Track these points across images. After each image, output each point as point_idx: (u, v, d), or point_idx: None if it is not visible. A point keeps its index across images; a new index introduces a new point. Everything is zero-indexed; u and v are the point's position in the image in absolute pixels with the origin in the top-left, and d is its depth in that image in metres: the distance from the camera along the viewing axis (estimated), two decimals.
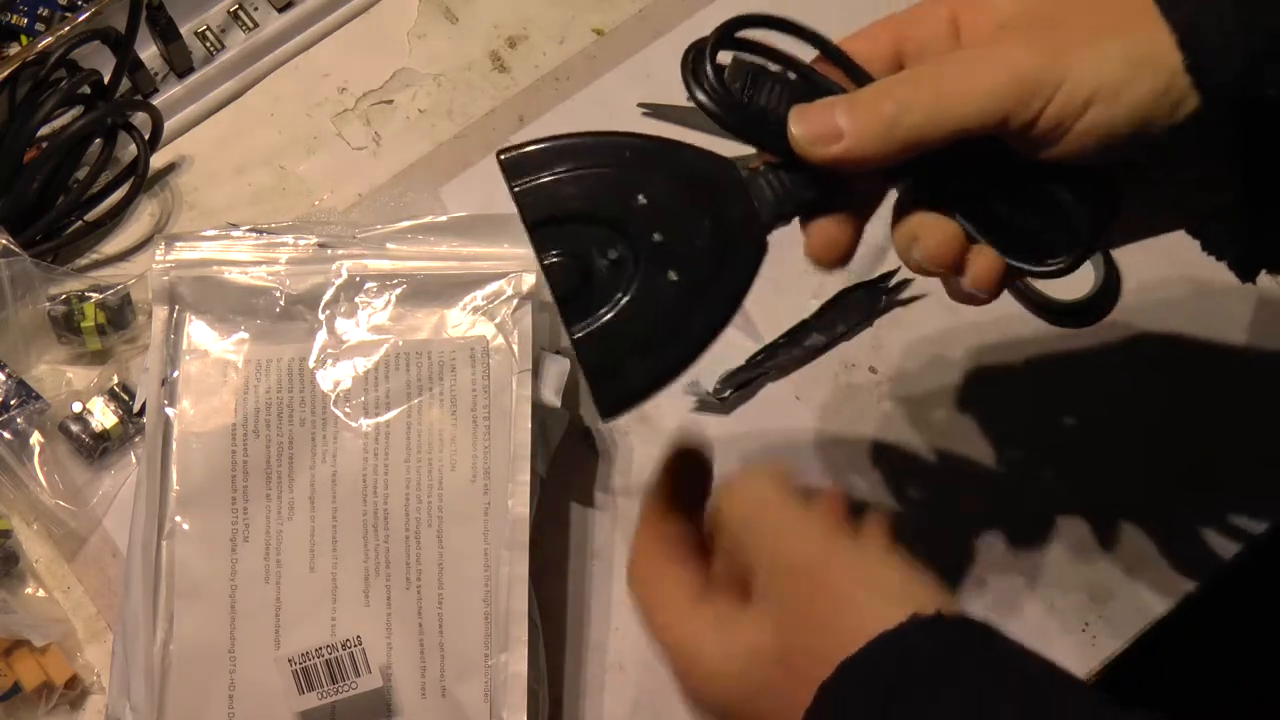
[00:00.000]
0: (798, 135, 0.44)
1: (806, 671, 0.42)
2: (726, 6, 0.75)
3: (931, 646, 0.41)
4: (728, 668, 0.45)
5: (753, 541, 0.46)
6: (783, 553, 0.45)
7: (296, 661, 0.56)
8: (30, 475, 0.64)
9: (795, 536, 0.45)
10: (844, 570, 0.44)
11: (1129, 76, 0.42)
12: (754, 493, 0.47)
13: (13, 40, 0.72)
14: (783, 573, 0.45)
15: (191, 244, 0.64)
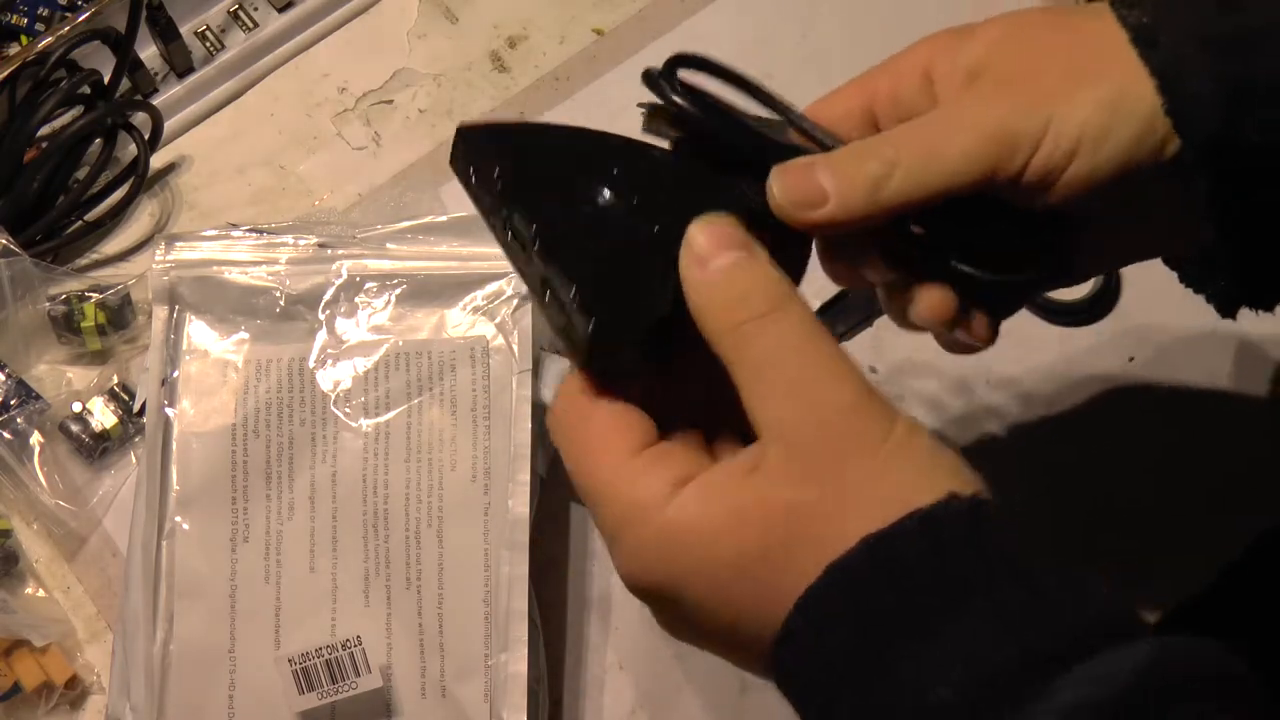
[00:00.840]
0: (780, 198, 0.42)
1: (819, 533, 0.36)
2: (726, 7, 0.75)
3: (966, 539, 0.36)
4: (703, 524, 0.38)
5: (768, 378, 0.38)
6: (811, 396, 0.38)
7: (296, 661, 0.56)
8: (30, 475, 0.64)
9: (829, 382, 0.38)
10: (888, 434, 0.38)
11: (1109, 123, 0.41)
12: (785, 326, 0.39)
13: (13, 40, 0.72)
14: (810, 420, 0.38)
15: (191, 244, 0.64)
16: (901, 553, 0.36)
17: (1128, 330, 0.67)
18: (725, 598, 0.38)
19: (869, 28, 0.74)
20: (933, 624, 0.35)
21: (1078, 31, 0.43)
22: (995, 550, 0.36)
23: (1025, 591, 0.35)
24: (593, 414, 0.41)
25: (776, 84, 0.72)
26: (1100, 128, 0.41)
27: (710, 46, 0.73)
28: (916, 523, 0.36)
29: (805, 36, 0.74)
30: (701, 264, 0.40)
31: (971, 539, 0.36)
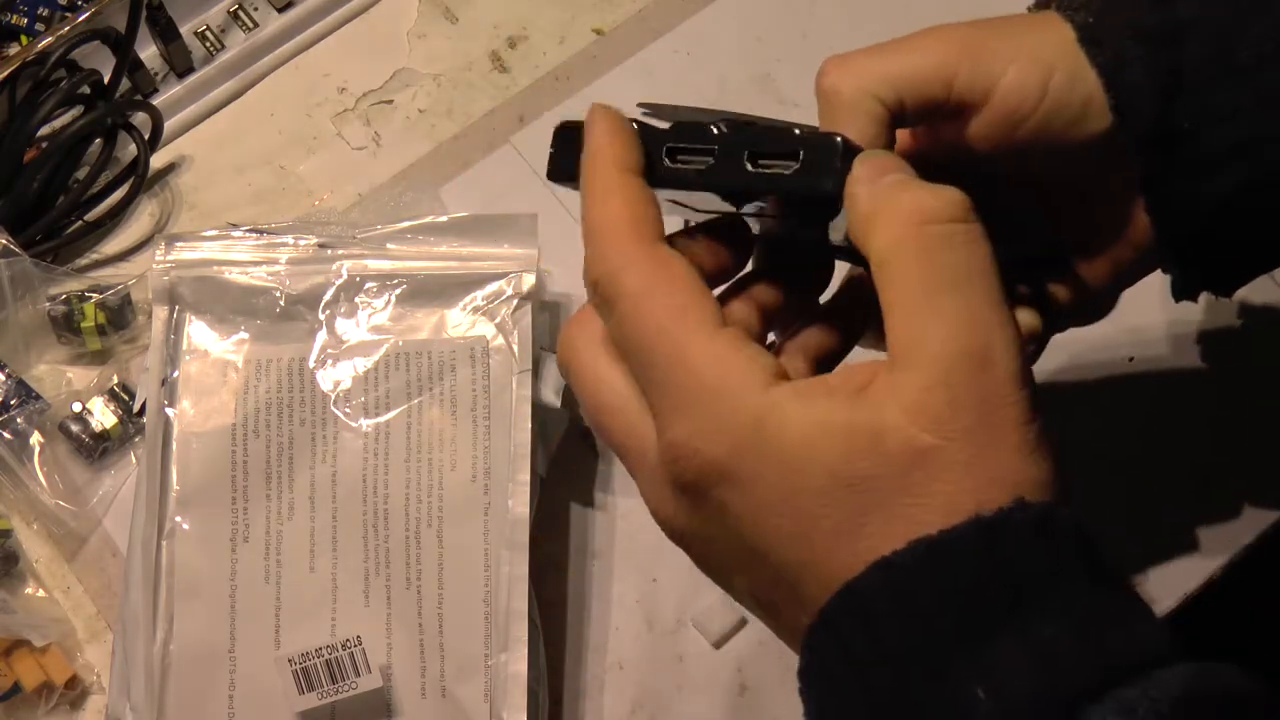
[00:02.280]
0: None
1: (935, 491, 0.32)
2: (726, 7, 0.75)
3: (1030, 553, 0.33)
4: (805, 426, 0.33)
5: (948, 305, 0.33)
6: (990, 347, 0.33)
7: (296, 661, 0.56)
8: (30, 475, 0.64)
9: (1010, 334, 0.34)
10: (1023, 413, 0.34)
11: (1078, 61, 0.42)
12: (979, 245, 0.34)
13: (13, 40, 0.72)
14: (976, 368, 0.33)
15: (191, 244, 0.64)
16: (955, 561, 0.32)
17: (1128, 330, 0.67)
18: (796, 525, 0.33)
19: (869, 28, 0.74)
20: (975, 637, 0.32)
21: (1034, 20, 0.45)
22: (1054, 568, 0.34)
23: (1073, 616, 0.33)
24: (672, 263, 0.36)
25: (777, 84, 0.73)
26: (1072, 69, 0.42)
27: (710, 46, 0.74)
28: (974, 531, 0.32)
29: (805, 36, 0.74)
30: (872, 180, 0.36)
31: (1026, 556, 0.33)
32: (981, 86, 0.42)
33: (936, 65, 0.42)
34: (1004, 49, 0.42)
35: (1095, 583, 0.34)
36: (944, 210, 0.34)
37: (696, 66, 0.74)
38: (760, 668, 0.62)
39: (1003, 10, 0.46)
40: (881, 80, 0.42)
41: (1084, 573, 0.34)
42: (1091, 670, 0.32)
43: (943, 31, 0.43)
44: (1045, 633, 0.32)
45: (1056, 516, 0.34)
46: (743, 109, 0.72)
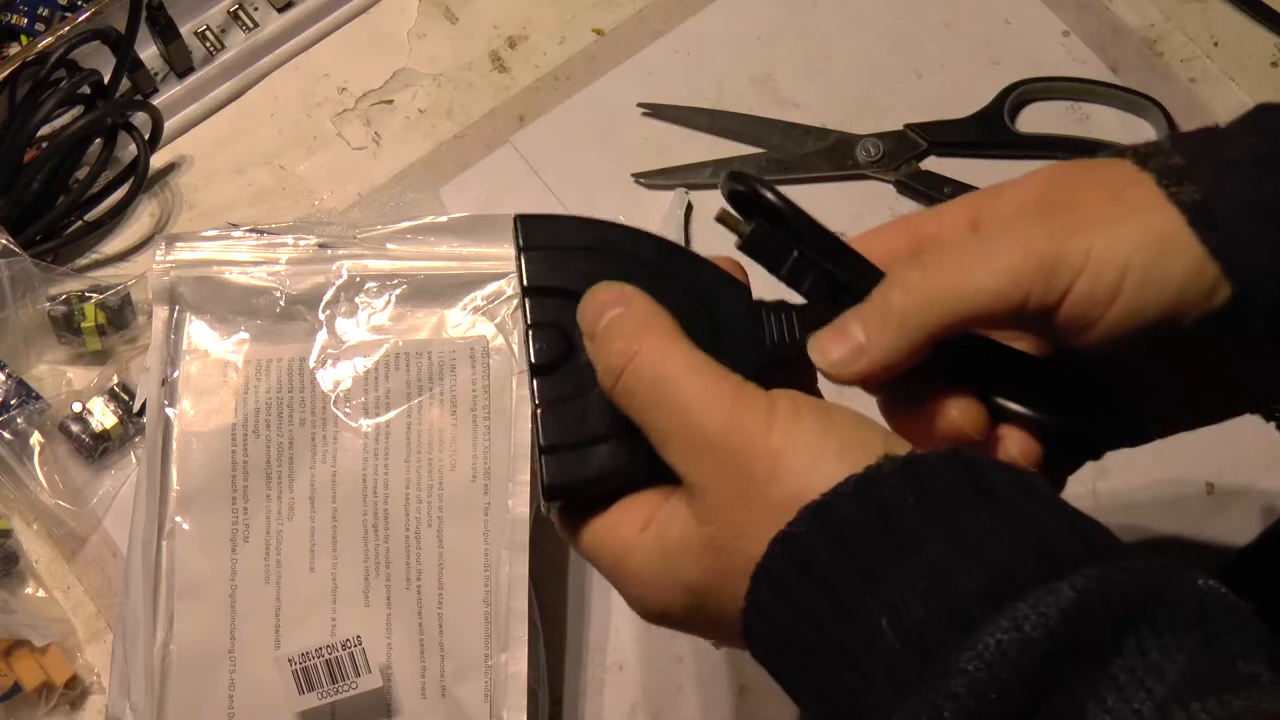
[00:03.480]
0: (823, 364, 0.42)
1: (740, 561, 0.38)
2: (726, 7, 0.75)
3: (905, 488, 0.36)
4: (666, 578, 0.40)
5: (659, 422, 0.39)
6: (690, 427, 0.39)
7: (296, 661, 0.56)
8: (30, 475, 0.64)
9: (700, 405, 0.39)
10: (768, 435, 0.38)
11: (1157, 259, 0.40)
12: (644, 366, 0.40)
13: (13, 40, 0.72)
14: (696, 452, 0.39)
15: (192, 244, 0.64)
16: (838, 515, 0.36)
17: None
18: (698, 617, 0.41)
19: (869, 27, 0.74)
20: (871, 576, 0.35)
21: (1123, 177, 0.42)
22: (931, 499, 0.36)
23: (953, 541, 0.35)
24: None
25: (777, 84, 0.73)
26: (1147, 263, 0.40)
27: (710, 46, 0.74)
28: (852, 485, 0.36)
29: (805, 36, 0.74)
30: (590, 336, 0.41)
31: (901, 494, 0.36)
32: (1052, 300, 0.40)
33: (1009, 290, 0.40)
34: (1075, 255, 0.40)
35: (982, 501, 0.36)
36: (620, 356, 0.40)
37: (696, 66, 0.74)
38: (760, 668, 0.62)
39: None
40: (949, 314, 0.40)
41: (966, 494, 0.36)
42: (978, 582, 0.34)
43: (1021, 241, 0.40)
44: (931, 555, 0.35)
45: (924, 458, 0.37)
46: (743, 109, 0.72)
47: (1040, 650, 0.32)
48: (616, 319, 0.40)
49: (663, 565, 0.40)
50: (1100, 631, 0.33)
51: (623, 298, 0.41)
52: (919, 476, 0.36)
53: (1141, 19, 0.74)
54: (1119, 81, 0.72)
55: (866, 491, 0.36)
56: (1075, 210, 0.41)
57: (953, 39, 0.74)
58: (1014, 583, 0.34)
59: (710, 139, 0.72)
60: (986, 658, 0.32)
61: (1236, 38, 0.73)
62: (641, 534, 0.41)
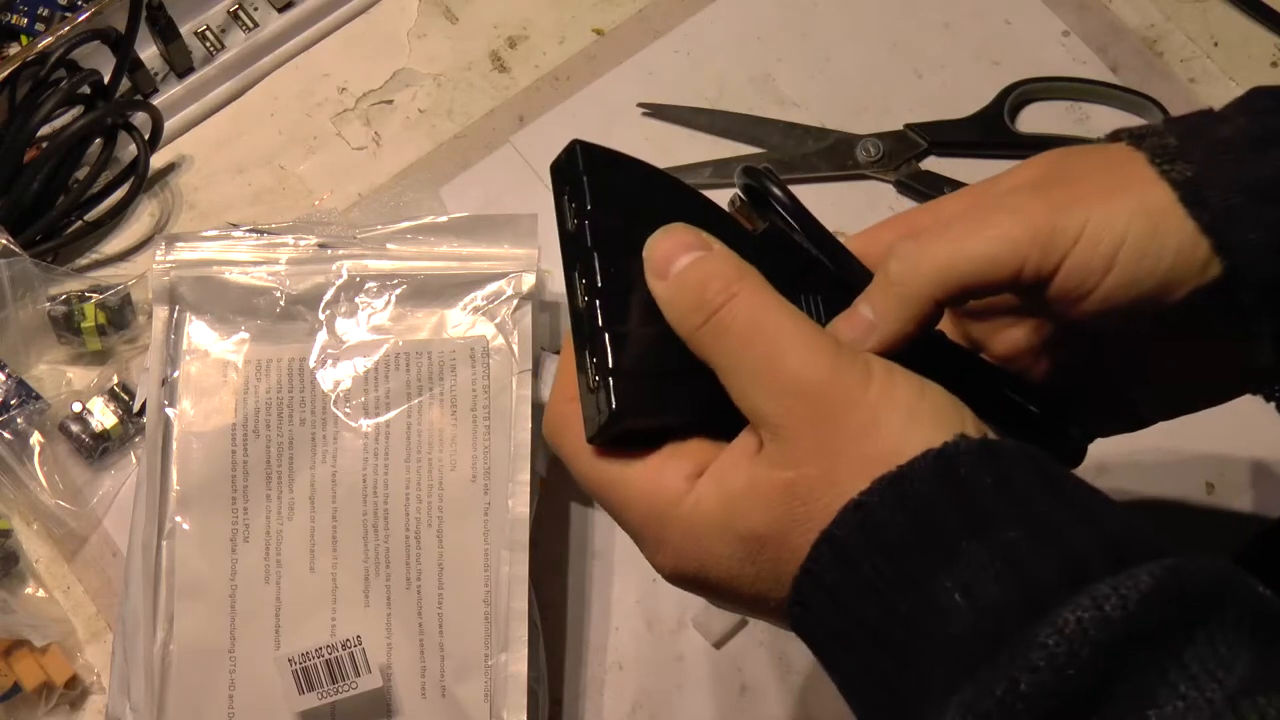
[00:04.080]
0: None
1: (817, 510, 0.37)
2: (726, 7, 0.75)
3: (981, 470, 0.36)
4: (720, 528, 0.39)
5: (750, 365, 0.39)
6: (786, 372, 0.38)
7: (296, 661, 0.56)
8: (30, 475, 0.64)
9: (799, 354, 0.38)
10: (865, 390, 0.38)
11: (1152, 232, 0.40)
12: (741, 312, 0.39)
13: (13, 40, 0.72)
14: (791, 396, 0.38)
15: (192, 244, 0.64)
16: (916, 489, 0.36)
17: None
18: (748, 575, 0.39)
19: (869, 27, 0.74)
20: (945, 554, 0.35)
21: (1118, 155, 0.43)
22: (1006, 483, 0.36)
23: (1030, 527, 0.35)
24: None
25: (777, 84, 0.73)
26: (1143, 235, 0.40)
27: (710, 46, 0.74)
28: (931, 460, 0.36)
29: (805, 36, 0.74)
30: (662, 274, 0.40)
31: (978, 475, 0.36)
32: (1049, 268, 0.41)
33: (1007, 256, 0.41)
34: (1072, 226, 0.40)
35: (1052, 491, 0.36)
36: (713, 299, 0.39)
37: (696, 66, 0.74)
38: (760, 668, 0.62)
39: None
40: (948, 277, 0.41)
41: (1038, 483, 0.36)
42: (1054, 568, 0.34)
43: (1017, 211, 0.41)
44: (1007, 538, 0.35)
45: (997, 443, 0.37)
46: (743, 109, 0.72)
47: (1119, 632, 0.32)
48: (703, 261, 0.40)
49: (722, 513, 0.39)
50: (1174, 621, 0.33)
51: (703, 242, 0.40)
52: (996, 460, 0.37)
53: (1141, 19, 0.74)
54: (1119, 81, 0.72)
55: (945, 468, 0.36)
56: (1072, 184, 0.42)
57: (953, 39, 0.74)
58: (1089, 571, 0.34)
59: (710, 139, 0.72)
60: (1067, 633, 0.32)
61: (1236, 38, 0.73)
62: (689, 484, 0.40)
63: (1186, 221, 0.40)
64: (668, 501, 0.40)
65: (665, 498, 0.40)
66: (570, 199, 0.41)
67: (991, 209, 0.42)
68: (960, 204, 0.45)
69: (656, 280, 0.40)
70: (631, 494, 0.41)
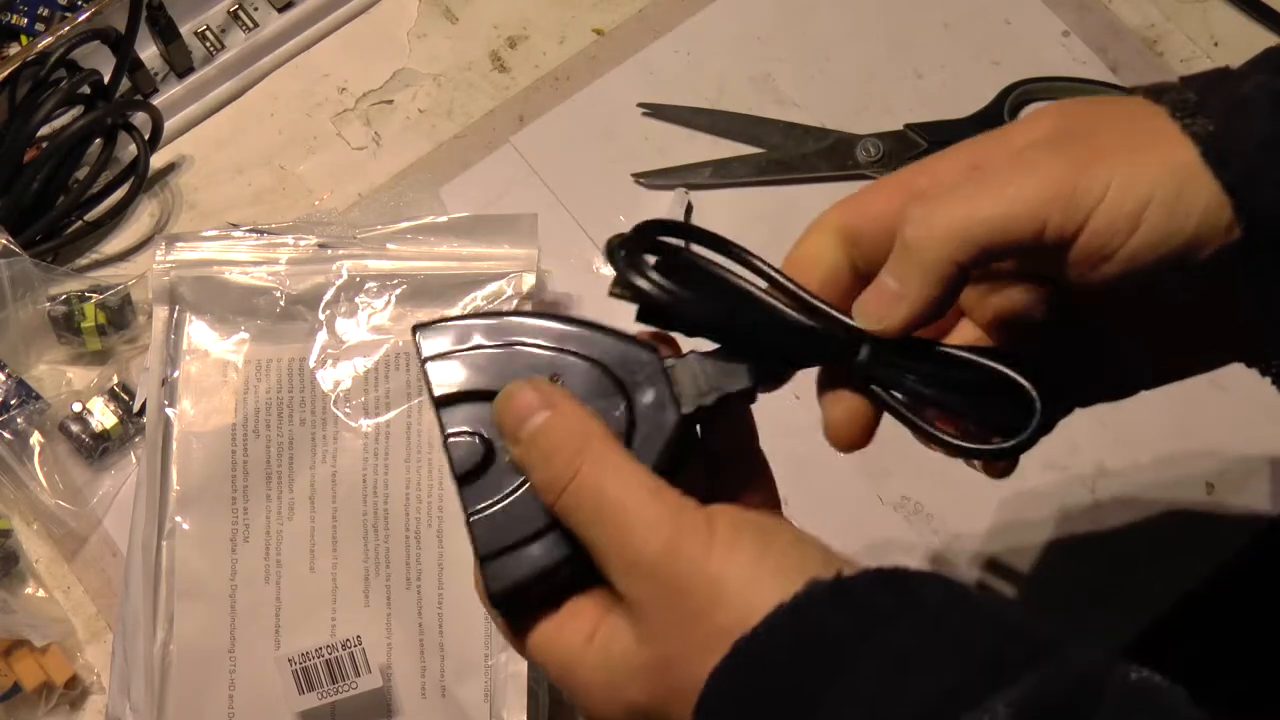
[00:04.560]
0: (867, 326, 0.41)
1: (685, 686, 0.37)
2: (726, 7, 0.75)
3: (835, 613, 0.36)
4: (610, 694, 0.40)
5: (599, 541, 0.39)
6: (630, 549, 0.38)
7: (296, 661, 0.56)
8: (30, 475, 0.64)
9: (638, 528, 0.38)
10: (707, 558, 0.37)
11: (1179, 190, 0.39)
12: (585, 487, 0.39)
13: (13, 40, 0.72)
14: (636, 575, 0.38)
15: (192, 244, 0.64)
16: (771, 646, 0.36)
17: None
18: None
19: (869, 27, 0.74)
20: (807, 708, 0.35)
21: (1139, 110, 0.41)
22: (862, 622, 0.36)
23: (888, 657, 0.35)
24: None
25: (776, 84, 0.73)
26: (1170, 194, 0.39)
27: (710, 46, 0.74)
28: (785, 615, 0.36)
29: (805, 36, 0.74)
30: (515, 439, 0.40)
31: (831, 619, 0.36)
32: (1071, 229, 0.39)
33: (1028, 215, 0.39)
34: (1096, 185, 0.39)
35: (918, 624, 0.35)
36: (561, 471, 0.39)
37: (696, 66, 0.74)
38: None
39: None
40: (967, 240, 0.39)
41: (902, 618, 0.36)
42: (916, 709, 0.34)
43: (1037, 168, 0.39)
44: (867, 681, 0.34)
45: (853, 581, 0.36)
46: (742, 109, 0.72)
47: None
48: (548, 428, 0.40)
49: (607, 681, 0.39)
50: None
51: (546, 400, 0.40)
52: (849, 599, 0.36)
53: (1141, 19, 0.74)
54: (1119, 81, 0.72)
55: (797, 620, 0.36)
56: (1092, 139, 0.40)
57: (953, 39, 0.74)
58: (956, 702, 0.33)
59: (710, 139, 0.72)
60: None
61: (1236, 38, 0.73)
62: (586, 646, 0.40)
63: (1213, 181, 0.39)
64: (567, 664, 0.40)
65: (565, 661, 0.41)
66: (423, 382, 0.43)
67: (1007, 166, 0.40)
68: (960, 161, 0.43)
69: (513, 445, 0.40)
70: (543, 656, 0.41)
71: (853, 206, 0.43)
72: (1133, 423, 0.65)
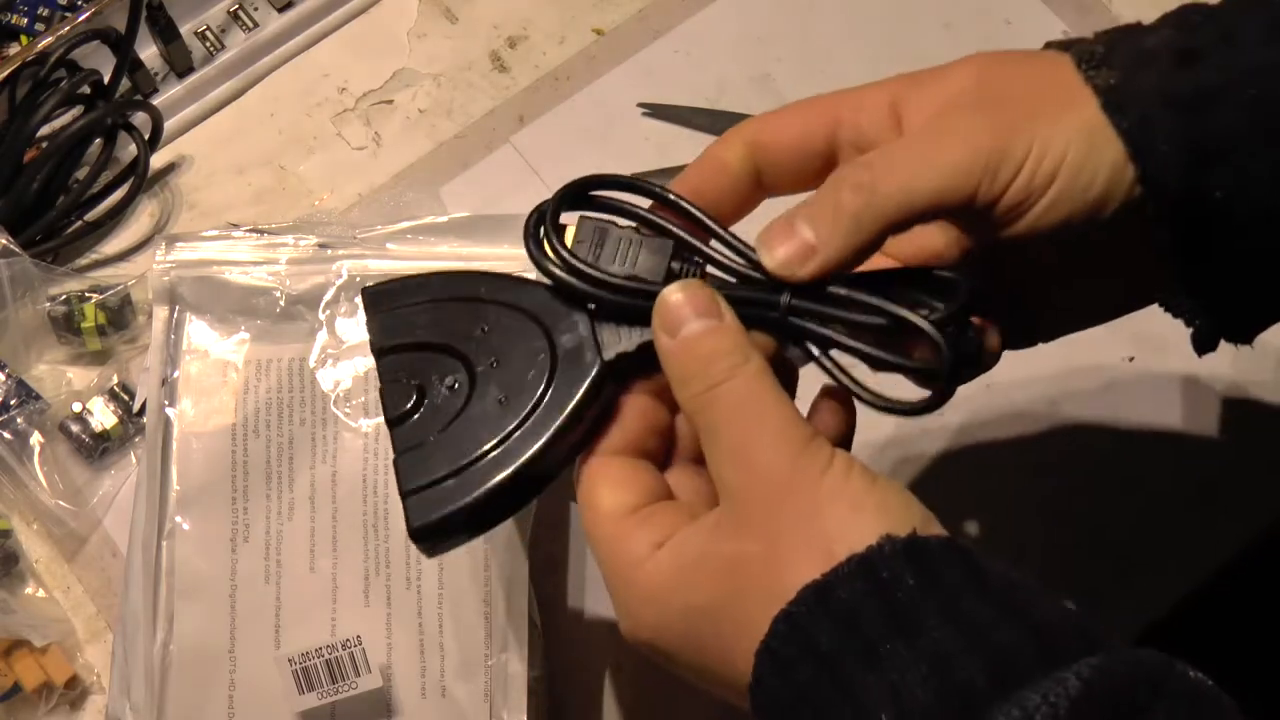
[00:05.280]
0: (772, 267, 0.42)
1: (764, 579, 0.39)
2: (726, 7, 0.75)
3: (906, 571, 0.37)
4: (671, 586, 0.41)
5: (729, 438, 0.41)
6: (756, 452, 0.40)
7: (296, 661, 0.56)
8: (30, 475, 0.64)
9: (771, 438, 0.40)
10: (819, 480, 0.39)
11: (1090, 150, 0.41)
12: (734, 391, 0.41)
13: (13, 40, 0.72)
14: (751, 473, 0.40)
15: (192, 244, 0.64)
16: (841, 596, 0.37)
17: (1127, 330, 0.67)
18: (693, 646, 0.41)
19: (869, 27, 0.74)
20: (872, 659, 0.36)
21: (1051, 67, 0.43)
22: (933, 584, 0.37)
23: (955, 627, 0.36)
24: (600, 472, 0.44)
25: (776, 84, 0.73)
26: (1082, 153, 0.41)
27: (710, 46, 0.74)
28: (855, 565, 0.37)
29: (805, 36, 0.74)
30: (671, 330, 0.42)
31: (903, 578, 0.37)
32: (996, 193, 0.42)
33: (961, 183, 0.41)
34: (1019, 149, 0.41)
35: (980, 591, 0.37)
36: (715, 374, 0.41)
37: (696, 66, 0.74)
38: None
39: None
40: (904, 206, 0.41)
41: (966, 584, 0.37)
42: (982, 671, 0.34)
43: (967, 138, 0.42)
44: (932, 639, 0.36)
45: (923, 541, 0.38)
46: (742, 109, 0.72)
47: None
48: (715, 334, 0.42)
49: (672, 583, 0.41)
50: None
51: (717, 310, 0.42)
52: (920, 560, 0.37)
53: (1141, 19, 0.74)
54: None
55: (868, 572, 0.37)
56: (1014, 103, 0.42)
57: (953, 39, 0.74)
58: (1017, 671, 0.34)
59: (710, 139, 0.71)
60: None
61: None
62: (656, 550, 0.41)
63: (1118, 139, 0.41)
64: (630, 565, 0.42)
65: (629, 561, 0.42)
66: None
67: (939, 133, 0.42)
68: (882, 99, 0.45)
69: (664, 335, 0.42)
70: (605, 553, 0.43)
71: (771, 123, 0.46)
72: (1133, 423, 0.65)
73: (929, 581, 0.37)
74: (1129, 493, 0.64)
